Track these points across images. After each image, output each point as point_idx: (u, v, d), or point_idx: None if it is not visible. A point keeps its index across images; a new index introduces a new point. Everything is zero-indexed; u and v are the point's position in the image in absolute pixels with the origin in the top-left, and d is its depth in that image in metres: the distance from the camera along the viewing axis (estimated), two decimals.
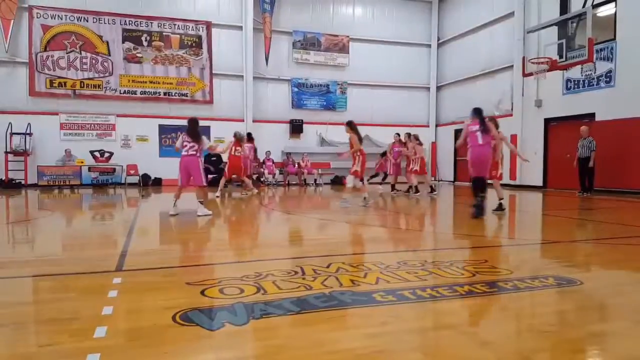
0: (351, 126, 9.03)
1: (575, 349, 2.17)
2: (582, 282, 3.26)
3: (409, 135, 12.79)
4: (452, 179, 20.12)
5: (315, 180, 17.86)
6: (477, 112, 7.64)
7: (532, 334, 2.37)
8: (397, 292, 2.96)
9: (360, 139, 9.09)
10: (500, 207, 7.90)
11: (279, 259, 4.40)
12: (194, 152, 7.64)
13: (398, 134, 13.35)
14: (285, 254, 4.77)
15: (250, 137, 13.69)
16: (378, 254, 4.55)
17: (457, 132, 19.61)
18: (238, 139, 11.38)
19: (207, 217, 7.40)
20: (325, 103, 19.48)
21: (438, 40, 20.57)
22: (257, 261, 4.21)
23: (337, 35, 19.42)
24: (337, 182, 18.42)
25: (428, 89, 20.85)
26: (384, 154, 14.17)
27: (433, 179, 20.58)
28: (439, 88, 20.80)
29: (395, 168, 13.09)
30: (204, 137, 7.85)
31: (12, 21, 15.67)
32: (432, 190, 12.27)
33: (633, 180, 11.98)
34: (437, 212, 9.54)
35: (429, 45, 20.69)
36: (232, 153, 11.21)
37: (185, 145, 7.65)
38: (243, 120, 18.18)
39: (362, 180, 9.34)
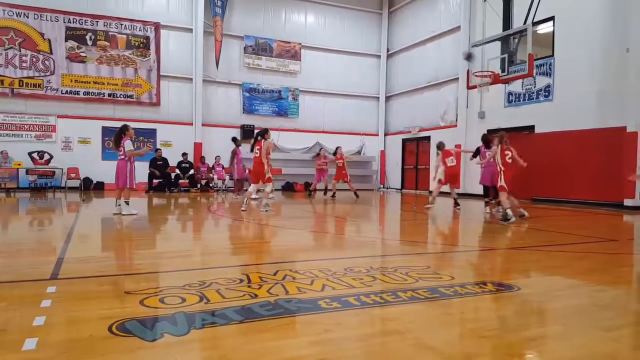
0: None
1: (513, 352, 2.27)
2: (520, 288, 3.42)
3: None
4: (399, 187, 20.60)
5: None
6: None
7: (473, 338, 2.45)
8: (342, 298, 2.99)
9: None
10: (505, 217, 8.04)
11: (225, 266, 4.32)
12: (122, 156, 8.44)
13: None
14: (231, 261, 4.70)
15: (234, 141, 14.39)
16: (325, 260, 4.57)
17: (405, 141, 20.20)
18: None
19: (133, 217, 7.85)
20: (277, 109, 19.44)
21: (387, 51, 21.08)
22: (202, 269, 4.12)
23: (289, 42, 19.47)
24: (289, 188, 18.40)
25: (378, 98, 21.30)
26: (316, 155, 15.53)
27: (382, 186, 21.01)
28: (388, 98, 21.30)
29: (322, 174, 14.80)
30: (125, 142, 8.36)
31: None
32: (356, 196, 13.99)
33: (568, 190, 12.75)
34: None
35: (379, 56, 21.16)
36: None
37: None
38: (192, 124, 17.82)
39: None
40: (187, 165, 16.98)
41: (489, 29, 15.24)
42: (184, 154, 16.92)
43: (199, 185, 16.87)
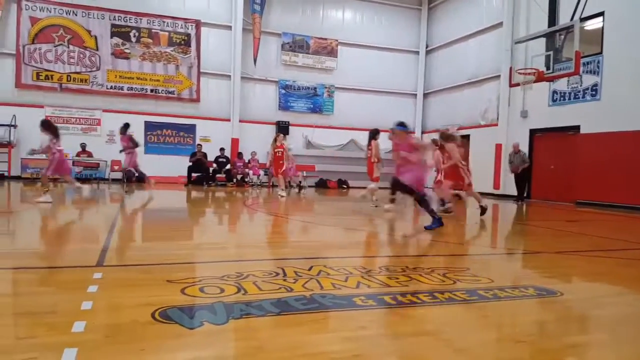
0: None
1: (552, 359, 2.21)
2: (563, 293, 3.32)
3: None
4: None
5: (300, 182, 17.83)
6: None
7: (509, 343, 2.41)
8: (377, 296, 2.99)
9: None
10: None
11: (260, 259, 4.39)
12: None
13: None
14: (267, 255, 4.77)
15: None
16: (360, 258, 4.57)
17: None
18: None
19: (48, 205, 8.01)
20: (312, 106, 19.52)
21: (426, 47, 20.77)
22: (238, 261, 4.20)
23: (326, 39, 19.49)
24: (322, 185, 18.45)
25: (415, 95, 21.03)
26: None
27: None
28: (425, 95, 20.99)
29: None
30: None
31: (0, 12, 15.41)
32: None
33: (615, 193, 12.22)
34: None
35: (417, 52, 20.88)
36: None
37: None
38: (229, 120, 18.14)
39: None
40: (224, 160, 17.33)
41: (533, 25, 14.78)
42: (222, 149, 17.27)
43: (234, 180, 17.18)
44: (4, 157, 15.33)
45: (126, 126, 11.94)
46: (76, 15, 16.47)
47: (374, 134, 9.83)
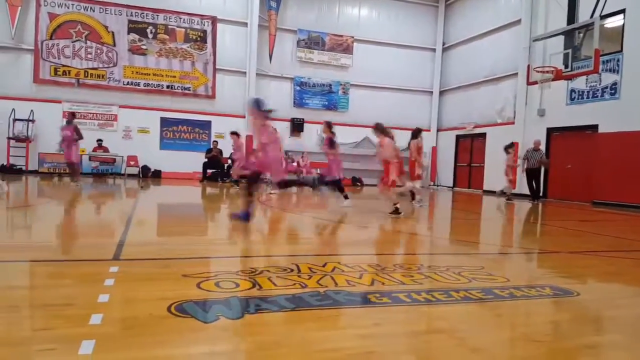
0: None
1: (567, 359, 2.18)
2: (579, 293, 3.27)
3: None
4: (451, 185, 20.13)
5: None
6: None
7: (525, 342, 2.38)
8: (392, 294, 2.97)
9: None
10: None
11: (275, 255, 4.41)
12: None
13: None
14: (281, 251, 4.79)
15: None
16: (374, 255, 4.56)
17: (459, 138, 19.68)
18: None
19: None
20: (327, 103, 19.51)
21: (443, 44, 20.59)
22: (253, 257, 4.23)
23: (341, 36, 19.44)
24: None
25: (431, 93, 20.87)
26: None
27: (432, 183, 20.60)
28: (441, 93, 20.82)
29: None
30: None
31: (20, 8, 15.68)
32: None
33: (633, 194, 12.00)
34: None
35: (434, 50, 20.71)
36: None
37: None
38: (244, 117, 18.18)
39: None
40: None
41: (552, 23, 14.56)
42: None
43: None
44: (21, 152, 15.62)
45: (73, 116, 12.12)
46: (94, 11, 16.68)
47: (415, 133, 9.96)
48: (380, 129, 7.95)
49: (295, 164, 18.03)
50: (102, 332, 2.13)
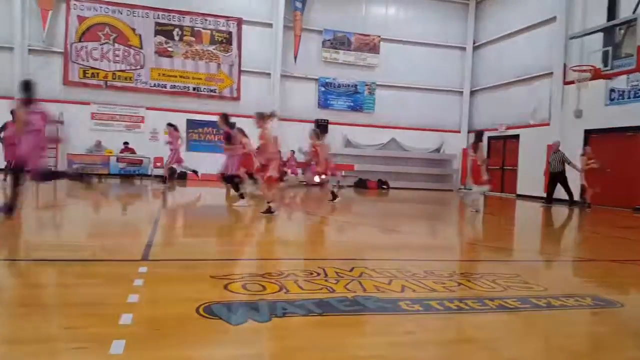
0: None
1: None
2: (622, 305, 3.16)
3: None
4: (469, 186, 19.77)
5: (338, 181, 17.82)
6: None
7: (563, 354, 2.31)
8: (423, 301, 2.93)
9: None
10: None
11: (300, 259, 4.42)
12: None
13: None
14: (307, 254, 4.80)
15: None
16: (403, 260, 4.51)
17: (490, 139, 19.31)
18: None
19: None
20: (352, 104, 19.46)
21: (474, 43, 20.28)
22: (279, 259, 4.25)
23: (368, 35, 19.38)
24: (361, 185, 18.33)
25: (461, 93, 20.57)
26: None
27: (462, 187, 20.30)
28: (472, 93, 20.50)
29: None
30: None
31: (51, 12, 16.24)
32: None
33: None
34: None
35: (464, 48, 20.41)
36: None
37: None
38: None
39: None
40: None
41: (590, 19, 14.15)
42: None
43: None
44: (51, 153, 16.11)
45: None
46: (121, 13, 17.12)
47: (479, 136, 9.81)
48: (260, 117, 7.34)
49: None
50: (132, 332, 2.18)
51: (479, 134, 10.02)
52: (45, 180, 5.98)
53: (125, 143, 16.87)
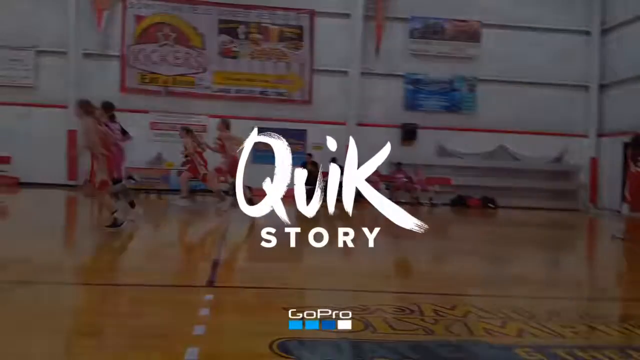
0: None
1: None
2: None
3: None
4: (618, 208, 18.45)
5: (431, 198, 17.45)
6: None
7: None
8: (548, 349, 2.79)
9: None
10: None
11: (387, 292, 4.38)
12: None
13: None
14: (396, 286, 4.74)
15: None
16: (519, 298, 4.32)
17: (628, 146, 18.02)
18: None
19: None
20: (447, 103, 19.08)
21: (601, 25, 19.19)
22: (362, 291, 4.23)
23: (466, 21, 19.00)
24: (460, 202, 17.81)
25: (586, 87, 19.48)
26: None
27: (592, 206, 19.09)
28: (602, 87, 19.34)
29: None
30: None
31: (106, 12, 17.57)
32: None
33: None
34: None
35: (588, 32, 19.37)
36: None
37: None
38: (345, 124, 18.35)
39: None
40: None
41: None
42: (333, 159, 17.63)
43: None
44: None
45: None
46: (181, 11, 18.16)
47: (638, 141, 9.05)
48: (81, 106, 7.30)
49: (406, 179, 17.81)
50: None
51: (636, 139, 8.95)
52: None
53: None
